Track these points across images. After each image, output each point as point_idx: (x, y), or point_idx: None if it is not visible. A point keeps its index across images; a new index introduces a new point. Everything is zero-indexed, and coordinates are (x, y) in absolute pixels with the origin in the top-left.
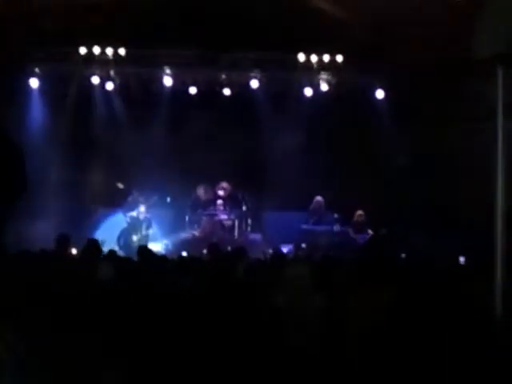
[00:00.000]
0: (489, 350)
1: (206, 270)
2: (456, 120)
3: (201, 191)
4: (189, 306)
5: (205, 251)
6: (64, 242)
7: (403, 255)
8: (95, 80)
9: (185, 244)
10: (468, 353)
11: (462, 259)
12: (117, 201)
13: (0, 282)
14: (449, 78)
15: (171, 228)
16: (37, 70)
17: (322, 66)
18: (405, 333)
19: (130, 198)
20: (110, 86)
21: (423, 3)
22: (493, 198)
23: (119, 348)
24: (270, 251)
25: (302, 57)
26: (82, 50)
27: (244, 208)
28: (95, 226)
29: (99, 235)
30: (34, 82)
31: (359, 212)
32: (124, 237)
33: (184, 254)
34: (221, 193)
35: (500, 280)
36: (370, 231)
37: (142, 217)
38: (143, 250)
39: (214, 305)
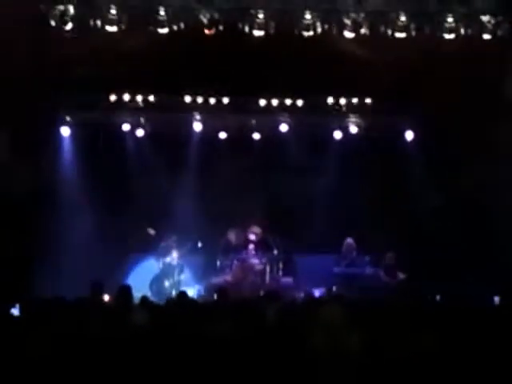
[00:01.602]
0: None
1: (237, 315)
2: (486, 160)
3: (232, 236)
4: (223, 351)
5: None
6: (98, 289)
7: (438, 297)
8: (126, 127)
9: (217, 289)
10: None
11: (496, 299)
12: (148, 247)
13: (37, 330)
14: (479, 117)
15: (203, 273)
16: (68, 118)
17: (351, 108)
18: (447, 377)
19: (162, 244)
20: (140, 132)
21: (450, 43)
22: None
23: None
24: (302, 295)
25: (330, 100)
26: (112, 98)
27: (275, 252)
28: (127, 272)
29: (131, 281)
30: (65, 131)
31: (389, 254)
32: (156, 283)
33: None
34: (252, 237)
35: None
36: (401, 274)
37: (174, 262)
38: (182, 296)
39: (248, 350)
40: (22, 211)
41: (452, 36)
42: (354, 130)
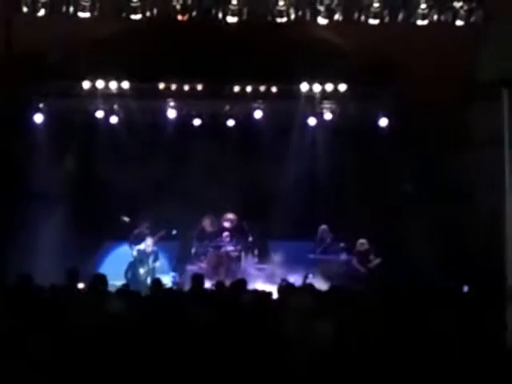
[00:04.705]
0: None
1: (211, 302)
2: (461, 146)
3: (206, 223)
4: (197, 337)
5: (211, 283)
6: (74, 276)
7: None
8: (99, 114)
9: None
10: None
11: (465, 288)
12: (122, 234)
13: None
14: (452, 103)
15: (178, 260)
16: (41, 105)
17: (324, 95)
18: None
19: (136, 231)
20: (114, 119)
21: (425, 30)
22: (500, 224)
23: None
24: (278, 281)
25: (304, 87)
26: (86, 85)
27: (250, 239)
28: (101, 260)
29: (105, 269)
30: (38, 118)
31: (361, 241)
32: (131, 270)
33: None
34: (226, 224)
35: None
36: (375, 259)
37: (148, 250)
38: (156, 283)
39: (222, 337)
40: None
41: (425, 22)
42: (328, 116)
